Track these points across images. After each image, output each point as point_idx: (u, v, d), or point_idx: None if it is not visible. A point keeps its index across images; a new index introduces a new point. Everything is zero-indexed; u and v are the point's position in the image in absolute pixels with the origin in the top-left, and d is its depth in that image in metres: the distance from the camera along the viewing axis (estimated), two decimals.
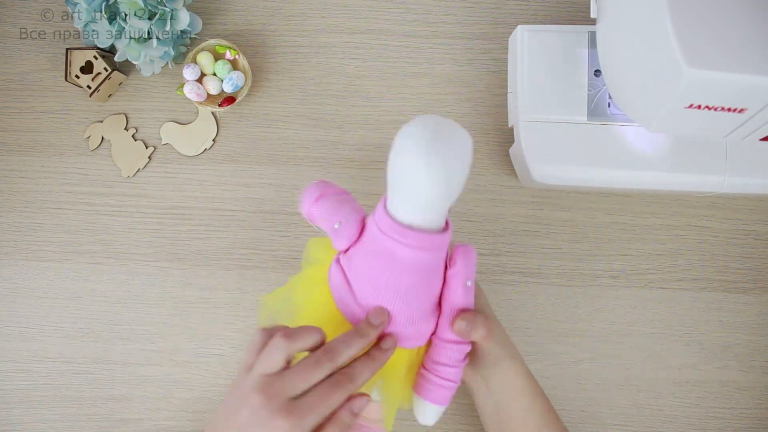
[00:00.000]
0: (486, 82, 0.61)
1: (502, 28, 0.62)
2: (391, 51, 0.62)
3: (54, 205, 0.61)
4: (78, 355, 0.59)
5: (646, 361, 0.59)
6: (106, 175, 0.61)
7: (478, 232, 0.60)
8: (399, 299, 0.40)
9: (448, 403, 0.45)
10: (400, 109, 0.61)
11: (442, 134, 0.34)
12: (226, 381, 0.58)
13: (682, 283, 0.60)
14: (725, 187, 0.53)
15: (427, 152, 0.34)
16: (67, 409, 0.58)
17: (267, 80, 0.62)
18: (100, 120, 0.61)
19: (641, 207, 0.60)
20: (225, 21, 0.63)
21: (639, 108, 0.45)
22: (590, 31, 0.54)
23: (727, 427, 0.58)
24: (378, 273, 0.40)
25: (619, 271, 0.60)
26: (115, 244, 0.60)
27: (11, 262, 0.60)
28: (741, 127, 0.42)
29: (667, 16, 0.37)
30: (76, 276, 0.60)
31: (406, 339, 0.42)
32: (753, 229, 0.60)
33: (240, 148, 0.61)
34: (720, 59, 0.37)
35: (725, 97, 0.39)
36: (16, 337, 0.59)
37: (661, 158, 0.53)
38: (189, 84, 0.58)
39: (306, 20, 0.62)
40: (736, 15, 0.38)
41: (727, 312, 0.59)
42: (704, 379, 0.59)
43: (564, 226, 0.60)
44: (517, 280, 0.59)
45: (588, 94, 0.53)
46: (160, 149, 0.61)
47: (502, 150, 0.61)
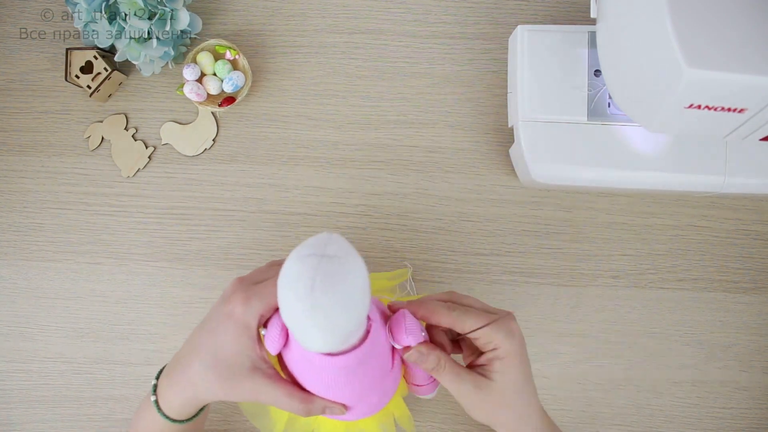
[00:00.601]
0: (486, 82, 0.61)
1: (502, 28, 0.62)
2: (391, 51, 0.62)
3: (54, 205, 0.61)
4: (78, 355, 0.59)
5: (646, 361, 0.59)
6: (106, 175, 0.61)
7: (478, 232, 0.60)
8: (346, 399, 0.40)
9: (436, 389, 0.47)
10: (400, 109, 0.61)
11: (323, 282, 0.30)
12: None
13: (682, 283, 0.60)
14: (725, 187, 0.53)
15: (312, 311, 0.30)
16: (67, 409, 0.58)
17: (267, 80, 0.62)
18: (100, 120, 0.61)
19: (641, 207, 0.60)
20: (225, 21, 0.63)
21: (639, 108, 0.45)
22: (590, 31, 0.54)
23: (727, 427, 0.58)
24: (317, 381, 0.40)
25: (619, 271, 0.60)
26: (115, 244, 0.60)
27: (11, 262, 0.60)
28: (741, 127, 0.42)
29: (667, 16, 0.37)
30: (76, 276, 0.60)
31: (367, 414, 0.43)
32: (753, 229, 0.60)
33: (240, 148, 0.61)
34: (720, 59, 0.37)
35: (725, 97, 0.39)
36: (16, 337, 0.59)
37: (661, 158, 0.53)
38: (189, 84, 0.58)
39: (306, 20, 0.62)
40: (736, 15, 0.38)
41: (727, 312, 0.59)
42: (704, 379, 0.59)
43: (564, 226, 0.60)
44: (517, 280, 0.59)
45: (588, 94, 0.53)
46: (160, 149, 0.61)
47: (502, 150, 0.61)
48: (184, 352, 0.43)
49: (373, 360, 0.39)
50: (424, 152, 0.61)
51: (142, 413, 0.46)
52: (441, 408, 0.58)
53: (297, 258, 0.31)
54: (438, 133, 0.61)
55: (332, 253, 0.31)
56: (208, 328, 0.42)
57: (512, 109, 0.56)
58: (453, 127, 0.61)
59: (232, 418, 0.58)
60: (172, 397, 0.42)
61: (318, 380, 0.40)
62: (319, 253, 0.31)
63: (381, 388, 0.42)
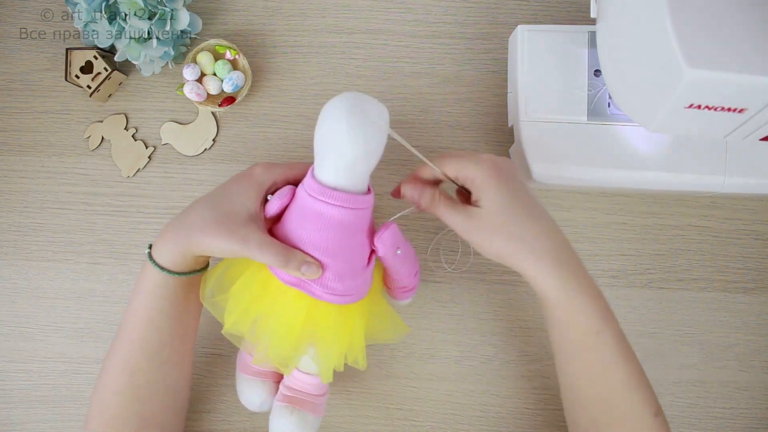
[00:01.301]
0: (486, 82, 0.61)
1: (502, 28, 0.62)
2: (391, 51, 0.62)
3: (54, 205, 0.61)
4: (78, 355, 0.59)
5: (646, 361, 0.59)
6: (106, 175, 0.61)
7: None
8: (327, 255, 0.44)
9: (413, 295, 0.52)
10: (400, 109, 0.61)
11: (359, 105, 0.40)
12: (226, 381, 0.58)
13: (682, 283, 0.60)
14: (725, 187, 0.53)
15: (348, 118, 0.39)
16: (67, 409, 0.58)
17: (267, 80, 0.62)
18: (100, 120, 0.61)
19: (641, 207, 0.60)
20: (225, 21, 0.63)
21: (639, 108, 0.45)
22: (590, 31, 0.54)
23: (727, 427, 0.58)
24: (307, 233, 0.44)
25: (619, 271, 0.60)
26: (115, 244, 0.60)
27: (11, 262, 0.60)
28: (741, 127, 0.42)
29: (667, 16, 0.38)
30: (76, 276, 0.60)
31: (335, 294, 0.45)
32: (753, 229, 0.60)
33: (240, 148, 0.61)
34: (720, 59, 0.37)
35: (725, 97, 0.39)
36: (16, 337, 0.59)
37: (661, 158, 0.53)
38: (189, 84, 0.58)
39: (306, 20, 0.62)
40: (736, 15, 0.38)
41: (727, 312, 0.59)
42: (704, 379, 0.59)
43: (564, 226, 0.60)
44: (517, 280, 0.59)
45: (588, 94, 0.53)
46: (160, 149, 0.61)
47: (502, 150, 0.61)
48: (189, 206, 0.47)
49: (358, 235, 0.44)
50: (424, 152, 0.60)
51: (139, 278, 0.48)
52: (441, 408, 0.58)
53: (336, 97, 0.41)
54: (438, 133, 0.61)
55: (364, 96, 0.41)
56: (221, 185, 0.47)
57: (512, 109, 0.56)
58: (453, 127, 0.61)
59: (232, 418, 0.58)
60: (165, 245, 0.46)
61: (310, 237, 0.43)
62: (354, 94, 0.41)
63: (355, 277, 0.45)
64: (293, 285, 0.45)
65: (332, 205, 0.42)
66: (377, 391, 0.58)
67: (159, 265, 0.46)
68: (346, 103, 0.40)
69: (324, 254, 0.44)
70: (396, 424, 0.58)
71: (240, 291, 0.46)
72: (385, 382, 0.58)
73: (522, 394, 0.58)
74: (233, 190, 0.46)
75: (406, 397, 0.58)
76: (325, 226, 0.43)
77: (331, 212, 0.43)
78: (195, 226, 0.44)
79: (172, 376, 0.49)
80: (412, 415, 0.58)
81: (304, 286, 0.45)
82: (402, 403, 0.58)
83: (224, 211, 0.44)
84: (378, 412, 0.58)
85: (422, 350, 0.58)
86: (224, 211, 0.44)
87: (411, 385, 0.58)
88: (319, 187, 0.43)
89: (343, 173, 0.42)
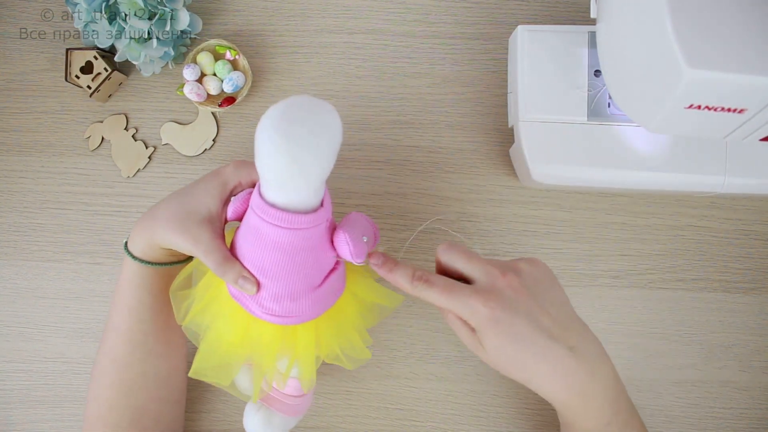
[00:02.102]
0: (486, 82, 0.61)
1: (502, 28, 0.62)
2: (391, 51, 0.62)
3: (54, 205, 0.61)
4: (78, 355, 0.59)
5: (646, 361, 0.59)
6: (106, 175, 0.61)
7: (478, 232, 0.60)
8: (263, 275, 0.40)
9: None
10: (400, 109, 0.61)
11: (294, 114, 0.34)
12: None
13: (682, 283, 0.60)
14: (725, 187, 0.53)
15: (275, 131, 0.33)
16: (66, 409, 0.58)
17: (267, 80, 0.62)
18: (100, 120, 0.61)
19: (641, 207, 0.60)
20: (225, 21, 0.63)
21: (639, 108, 0.45)
22: (590, 31, 0.54)
23: (727, 427, 0.58)
24: (246, 248, 0.41)
25: (619, 271, 0.60)
26: (115, 244, 0.60)
27: (11, 262, 0.60)
28: (741, 127, 0.42)
29: (667, 16, 0.37)
30: (76, 276, 0.60)
31: (272, 315, 0.42)
32: (753, 229, 0.60)
33: (240, 148, 0.61)
34: (720, 59, 0.37)
35: (725, 97, 0.39)
36: (16, 337, 0.59)
37: (661, 158, 0.53)
38: (189, 84, 0.58)
39: (306, 20, 0.62)
40: (736, 15, 0.38)
41: (727, 312, 0.59)
42: (704, 379, 0.59)
43: (564, 226, 0.60)
44: None
45: (588, 94, 0.53)
46: (160, 149, 0.61)
47: (502, 150, 0.61)
48: (163, 198, 0.47)
49: (304, 255, 0.40)
50: (424, 152, 0.61)
51: (120, 270, 0.49)
52: (441, 408, 0.58)
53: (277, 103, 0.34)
54: (438, 133, 0.61)
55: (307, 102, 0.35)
56: (195, 181, 0.47)
57: (512, 109, 0.56)
58: (453, 127, 0.61)
59: (231, 418, 0.58)
60: (137, 236, 0.47)
61: (250, 255, 0.40)
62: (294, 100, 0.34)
63: (298, 296, 0.41)
64: (235, 298, 0.43)
65: (268, 224, 0.38)
66: (377, 391, 0.58)
67: (133, 256, 0.47)
68: (276, 112, 0.34)
69: (260, 273, 0.40)
70: (396, 424, 0.58)
71: (202, 289, 0.46)
72: (385, 382, 0.58)
73: (522, 394, 0.58)
74: (200, 188, 0.45)
75: (406, 397, 0.58)
76: (262, 245, 0.39)
77: (267, 230, 0.38)
78: (160, 219, 0.45)
79: (161, 367, 0.50)
80: (412, 415, 0.58)
81: (242, 301, 0.42)
82: (402, 403, 0.58)
83: (186, 209, 0.44)
84: (378, 412, 0.58)
85: (422, 350, 0.59)
86: (186, 208, 0.44)
87: (411, 385, 0.58)
88: (260, 201, 0.38)
89: (280, 191, 0.37)
